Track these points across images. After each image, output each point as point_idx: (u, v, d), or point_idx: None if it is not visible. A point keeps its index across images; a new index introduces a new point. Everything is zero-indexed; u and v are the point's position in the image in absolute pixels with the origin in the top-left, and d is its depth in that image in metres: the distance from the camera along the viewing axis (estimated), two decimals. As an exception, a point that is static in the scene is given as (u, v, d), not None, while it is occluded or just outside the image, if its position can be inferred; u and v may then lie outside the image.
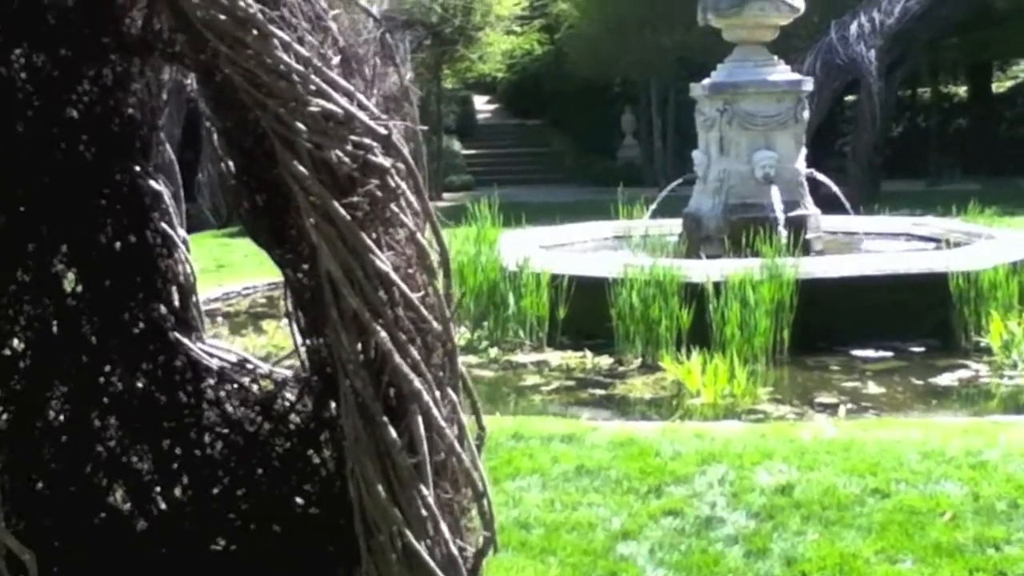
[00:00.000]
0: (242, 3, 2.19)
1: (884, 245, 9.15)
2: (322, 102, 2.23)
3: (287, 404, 3.27)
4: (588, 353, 7.00)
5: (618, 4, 19.83)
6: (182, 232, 3.24)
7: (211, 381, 3.30)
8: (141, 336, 3.21)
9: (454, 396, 2.47)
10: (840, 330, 7.09)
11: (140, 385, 3.22)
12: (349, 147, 2.28)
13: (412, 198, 2.44)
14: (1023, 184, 17.50)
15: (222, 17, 2.19)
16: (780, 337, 6.81)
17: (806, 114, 8.91)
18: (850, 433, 4.81)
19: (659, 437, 4.76)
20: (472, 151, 24.78)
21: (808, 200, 8.83)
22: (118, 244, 3.10)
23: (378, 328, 2.28)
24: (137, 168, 2.95)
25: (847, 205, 9.28)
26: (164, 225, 3.15)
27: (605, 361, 6.90)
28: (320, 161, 2.27)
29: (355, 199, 2.27)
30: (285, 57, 2.20)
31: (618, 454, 4.47)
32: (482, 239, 8.52)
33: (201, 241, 13.55)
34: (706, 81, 9.10)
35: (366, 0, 2.56)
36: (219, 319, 9.05)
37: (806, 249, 8.25)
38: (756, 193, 8.63)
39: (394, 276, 2.30)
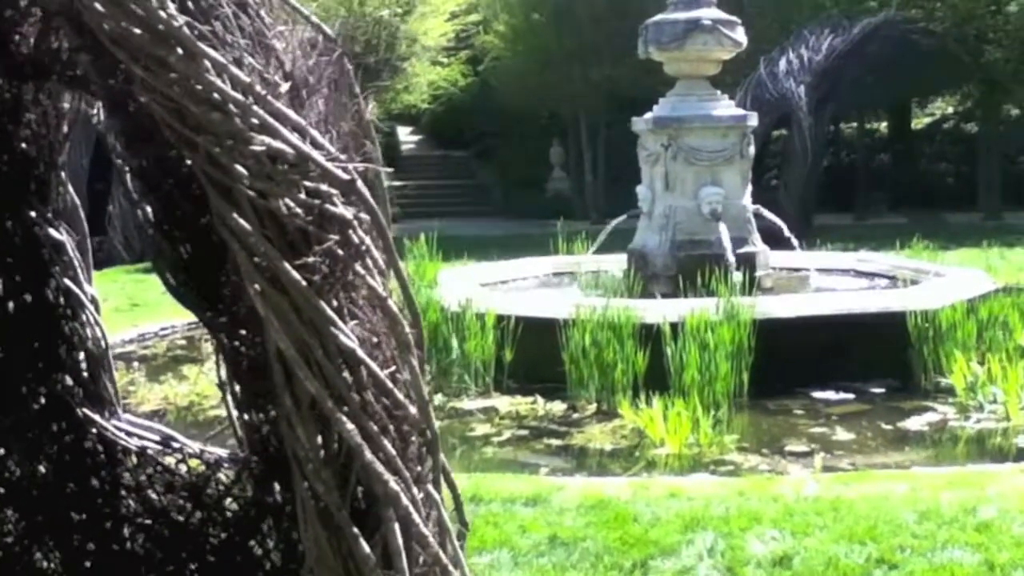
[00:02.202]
0: (163, 13, 1.73)
1: (832, 282, 8.97)
2: (267, 139, 1.78)
3: (221, 488, 2.78)
4: (539, 399, 6.59)
5: (545, 37, 19.69)
6: (90, 289, 2.73)
7: (130, 464, 2.79)
8: (43, 413, 2.70)
9: (436, 494, 2.02)
10: (798, 371, 6.81)
11: (43, 471, 2.70)
12: (302, 195, 1.83)
13: (378, 255, 2.00)
14: (949, 218, 17.76)
15: (137, 31, 1.72)
16: (739, 380, 6.49)
17: (751, 149, 8.70)
18: (833, 489, 4.48)
19: (632, 497, 4.37)
20: (396, 183, 24.32)
21: (756, 237, 8.60)
22: (11, 305, 2.58)
23: (343, 418, 1.82)
24: (33, 214, 2.44)
25: (794, 241, 9.08)
26: (68, 281, 2.64)
27: (558, 407, 6.49)
28: (265, 212, 1.82)
29: (311, 259, 1.83)
30: (219, 83, 1.75)
31: (592, 520, 4.05)
32: (420, 276, 8.06)
33: (113, 276, 12.80)
34: (648, 115, 8.84)
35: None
36: (135, 364, 8.42)
37: (756, 287, 8.00)
38: (703, 230, 8.37)
39: (361, 353, 1.85)
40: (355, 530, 1.85)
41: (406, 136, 29.22)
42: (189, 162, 2.19)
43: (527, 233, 17.37)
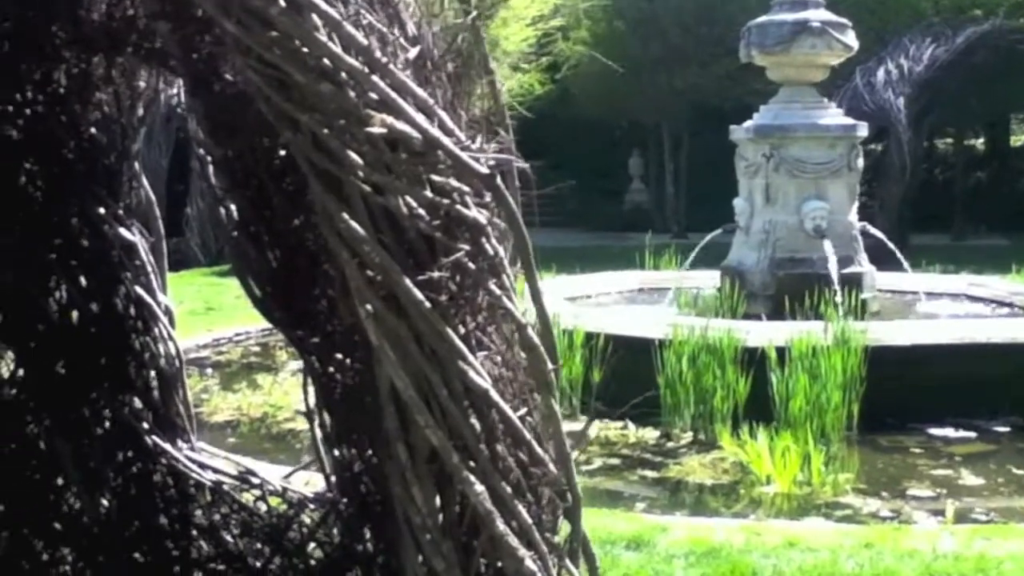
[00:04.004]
0: (267, -41, 1.37)
1: (943, 307, 8.35)
2: (389, 119, 1.40)
3: (305, 531, 2.44)
4: (630, 424, 6.14)
5: (631, 44, 19.21)
6: (164, 298, 2.39)
7: (203, 500, 2.46)
8: (107, 439, 2.37)
9: (575, 571, 1.62)
10: (911, 405, 6.25)
11: (105, 505, 2.37)
12: (427, 192, 1.45)
13: (511, 272, 1.61)
14: (1052, 241, 16.79)
15: (234, -23, 1.36)
16: (848, 412, 5.97)
17: (860, 162, 8.14)
18: (973, 544, 3.97)
19: (745, 545, 3.92)
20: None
21: (863, 256, 8.04)
22: (75, 314, 2.26)
23: (471, 477, 1.43)
24: (101, 210, 2.11)
25: (904, 262, 8.50)
26: (139, 289, 2.31)
27: (650, 434, 6.05)
28: (382, 213, 1.44)
29: (437, 274, 1.44)
30: (331, 45, 1.39)
31: (706, 572, 3.62)
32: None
33: (189, 279, 12.70)
34: (749, 123, 8.34)
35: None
36: (209, 370, 8.23)
37: (862, 310, 7.45)
38: (806, 247, 7.84)
39: (494, 395, 1.46)
40: (481, 620, 1.47)
41: (481, 144, 28.98)
42: (283, 152, 1.83)
43: (605, 245, 16.95)
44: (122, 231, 2.16)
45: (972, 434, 6.06)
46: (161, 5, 1.76)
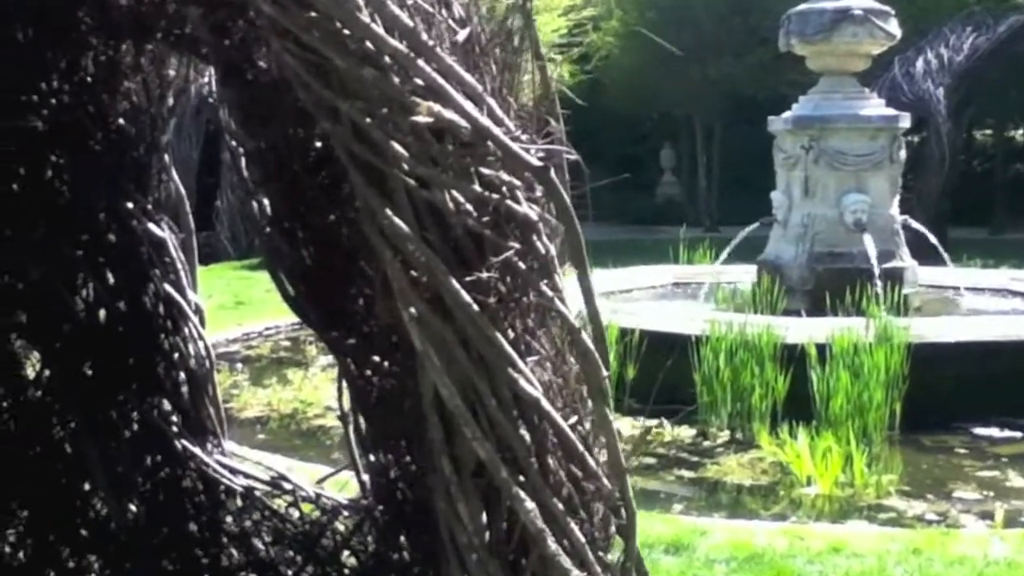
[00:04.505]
0: (304, -65, 1.27)
1: (985, 303, 8.15)
2: (436, 107, 1.30)
3: (338, 539, 2.36)
4: (665, 422, 6.02)
5: (664, 34, 19.00)
6: (194, 296, 2.31)
7: (233, 506, 2.38)
8: (135, 443, 2.30)
9: (628, 595, 1.52)
10: (954, 403, 6.08)
11: (133, 511, 2.30)
12: (475, 186, 1.35)
13: (561, 271, 1.51)
14: (1094, 234, 16.43)
15: (270, -46, 1.26)
16: (890, 411, 5.82)
17: (903, 154, 7.95)
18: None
19: (788, 549, 3.81)
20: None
21: (904, 250, 7.86)
22: (102, 313, 2.19)
23: (521, 492, 1.33)
24: (130, 204, 2.02)
25: (945, 256, 8.31)
26: (168, 287, 2.23)
27: (686, 432, 5.93)
28: (426, 208, 1.34)
29: (485, 274, 1.34)
30: (375, 28, 1.28)
31: (748, 580, 3.50)
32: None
33: (219, 273, 12.68)
34: (787, 114, 8.17)
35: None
36: (239, 365, 8.18)
37: (904, 306, 7.27)
38: (846, 241, 7.67)
39: (546, 405, 1.36)
40: (532, 647, 1.36)
41: (511, 136, 28.84)
42: (319, 143, 1.73)
43: (637, 239, 16.79)
44: (151, 226, 2.08)
45: (1018, 434, 5.90)
46: (192, -11, 1.67)
